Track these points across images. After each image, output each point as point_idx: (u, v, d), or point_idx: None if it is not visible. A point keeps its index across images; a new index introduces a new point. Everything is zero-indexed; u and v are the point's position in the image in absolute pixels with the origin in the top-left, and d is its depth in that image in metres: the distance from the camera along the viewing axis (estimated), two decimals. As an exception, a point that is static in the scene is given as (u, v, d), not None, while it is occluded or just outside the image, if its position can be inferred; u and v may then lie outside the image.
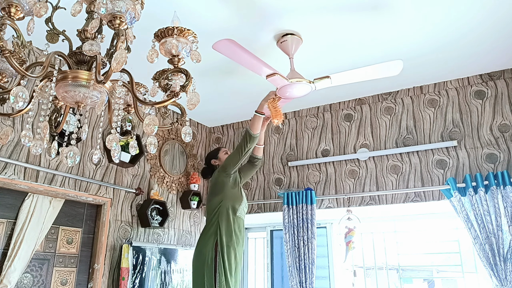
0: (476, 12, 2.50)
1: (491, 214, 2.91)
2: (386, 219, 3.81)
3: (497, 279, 2.80)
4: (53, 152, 1.38)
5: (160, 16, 2.45)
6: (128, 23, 1.15)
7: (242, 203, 2.92)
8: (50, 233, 2.89)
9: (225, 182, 2.89)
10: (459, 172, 3.20)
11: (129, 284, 3.15)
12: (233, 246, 2.78)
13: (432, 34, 2.74)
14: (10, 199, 2.69)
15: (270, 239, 4.27)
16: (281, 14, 2.51)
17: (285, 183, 3.94)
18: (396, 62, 2.58)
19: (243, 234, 2.92)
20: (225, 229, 2.78)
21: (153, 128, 1.24)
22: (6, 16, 1.14)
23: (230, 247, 2.76)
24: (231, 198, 2.87)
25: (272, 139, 4.15)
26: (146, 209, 3.47)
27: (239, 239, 2.85)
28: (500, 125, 3.16)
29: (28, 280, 2.73)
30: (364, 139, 3.68)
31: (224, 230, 2.77)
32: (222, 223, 2.78)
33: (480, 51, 2.97)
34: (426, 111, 3.47)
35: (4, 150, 2.64)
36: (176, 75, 1.31)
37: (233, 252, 2.77)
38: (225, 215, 2.81)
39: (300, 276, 3.42)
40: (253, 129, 2.80)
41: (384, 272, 3.78)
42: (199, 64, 3.03)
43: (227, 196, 2.86)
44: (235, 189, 2.92)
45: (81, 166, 3.11)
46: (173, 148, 4.07)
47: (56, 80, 1.26)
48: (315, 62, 3.11)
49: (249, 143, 2.81)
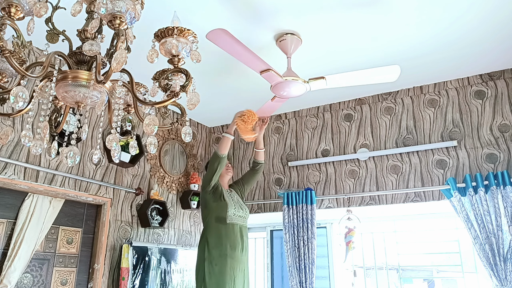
0: (476, 12, 2.50)
1: (491, 214, 2.91)
2: (386, 219, 3.81)
3: (497, 279, 2.80)
4: (53, 152, 1.38)
5: (160, 16, 2.45)
6: (128, 23, 1.15)
7: (229, 208, 2.99)
8: (50, 233, 2.89)
9: (207, 199, 3.04)
10: (459, 172, 3.20)
11: (129, 284, 3.15)
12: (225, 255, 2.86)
13: (432, 34, 2.74)
14: (10, 199, 2.70)
15: (270, 239, 4.27)
16: (281, 13, 2.51)
17: (285, 183, 3.94)
18: (393, 67, 2.53)
19: (239, 239, 2.96)
20: (214, 242, 2.90)
21: (153, 128, 1.24)
22: (6, 16, 1.14)
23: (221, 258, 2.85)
24: (215, 210, 3.00)
25: (272, 139, 4.15)
26: (146, 209, 3.47)
27: (235, 245, 2.93)
28: (500, 125, 3.16)
29: (28, 280, 2.73)
30: (364, 139, 3.68)
31: (213, 244, 2.89)
32: (210, 237, 2.92)
33: (480, 51, 2.97)
34: (426, 111, 3.47)
35: (4, 150, 2.64)
36: (176, 75, 1.31)
37: (229, 261, 2.85)
38: (213, 228, 2.95)
39: (300, 276, 3.42)
40: (220, 150, 2.95)
41: (384, 272, 3.78)
42: (199, 64, 3.03)
43: (212, 210, 3.01)
44: (217, 201, 3.02)
45: (81, 166, 3.11)
46: (173, 148, 4.07)
47: (56, 80, 1.26)
48: (313, 63, 3.11)
49: (217, 163, 2.94)
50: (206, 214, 3.03)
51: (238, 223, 3.01)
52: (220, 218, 2.96)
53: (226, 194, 3.07)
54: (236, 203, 3.09)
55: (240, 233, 3.00)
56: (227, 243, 2.89)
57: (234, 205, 3.05)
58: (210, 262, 2.83)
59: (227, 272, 2.81)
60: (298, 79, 2.58)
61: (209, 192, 3.01)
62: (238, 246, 2.94)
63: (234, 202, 3.08)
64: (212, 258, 2.84)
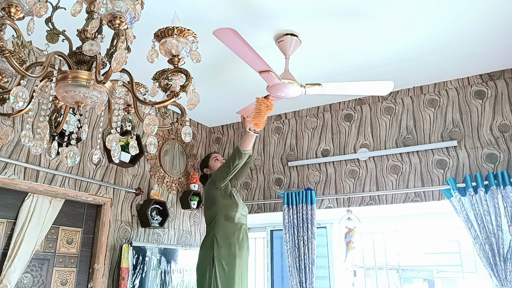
0: (476, 12, 2.50)
1: (491, 214, 2.91)
2: (386, 219, 3.81)
3: (497, 279, 2.80)
4: (53, 152, 1.38)
5: (160, 16, 2.45)
6: (128, 23, 1.15)
7: (238, 208, 2.95)
8: (50, 233, 2.89)
9: (215, 195, 2.93)
10: (459, 172, 3.20)
11: (129, 284, 3.15)
12: (234, 254, 2.81)
13: (432, 34, 2.74)
14: (10, 199, 2.69)
15: (270, 239, 4.27)
16: (281, 13, 2.51)
17: (285, 183, 3.94)
18: (387, 83, 2.71)
19: (245, 239, 2.95)
20: (223, 241, 2.82)
21: (153, 128, 1.24)
22: (6, 16, 1.14)
23: (230, 257, 2.79)
24: (225, 208, 2.91)
25: (272, 139, 4.15)
26: (146, 209, 3.47)
27: (242, 244, 2.90)
28: (500, 125, 3.16)
29: (28, 280, 2.73)
30: (364, 139, 3.68)
31: (222, 242, 2.81)
32: (219, 236, 2.83)
33: (480, 51, 2.97)
34: (426, 111, 3.47)
35: (4, 150, 2.64)
36: (176, 75, 1.31)
37: (237, 261, 2.80)
38: (222, 227, 2.86)
39: (300, 276, 3.42)
40: (243, 146, 2.83)
41: (384, 272, 3.78)
42: (199, 64, 3.03)
43: (220, 208, 2.91)
44: (227, 199, 2.95)
45: (81, 166, 3.11)
46: (173, 148, 4.07)
47: (56, 80, 1.26)
48: (313, 63, 3.10)
49: (239, 159, 2.84)
50: (214, 211, 2.91)
51: (243, 223, 2.99)
52: (229, 217, 2.89)
53: (235, 193, 3.04)
54: (242, 202, 3.08)
55: (245, 232, 2.97)
56: (235, 243, 2.84)
57: (242, 204, 3.02)
58: (219, 261, 2.74)
59: (236, 272, 2.77)
60: (295, 82, 2.60)
61: (221, 189, 2.92)
62: (244, 245, 2.91)
63: (241, 201, 3.07)
64: (222, 257, 2.76)
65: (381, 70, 3.23)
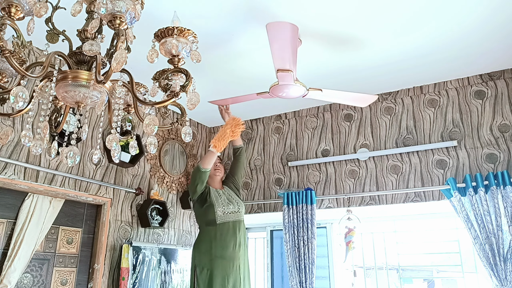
0: (476, 12, 2.50)
1: (491, 214, 2.91)
2: (386, 219, 3.81)
3: (497, 279, 2.80)
4: (53, 152, 1.38)
5: (160, 16, 2.45)
6: (128, 23, 1.15)
7: (216, 209, 3.00)
8: (50, 233, 2.89)
9: (195, 207, 3.14)
10: (459, 172, 3.20)
11: (129, 284, 3.15)
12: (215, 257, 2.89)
13: (432, 34, 2.74)
14: (10, 199, 2.69)
15: (270, 239, 4.27)
16: (281, 13, 2.51)
17: (285, 183, 3.94)
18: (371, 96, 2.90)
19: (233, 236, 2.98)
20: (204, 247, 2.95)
21: (153, 128, 1.24)
22: (6, 16, 1.14)
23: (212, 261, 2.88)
24: (203, 215, 3.05)
25: (272, 139, 4.15)
26: (146, 209, 3.47)
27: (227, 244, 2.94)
28: (500, 125, 3.16)
29: (28, 280, 2.73)
30: (364, 139, 3.68)
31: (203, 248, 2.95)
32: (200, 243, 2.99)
33: (480, 51, 2.97)
34: (426, 111, 3.47)
35: (4, 150, 2.64)
36: (176, 75, 1.31)
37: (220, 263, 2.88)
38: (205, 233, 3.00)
39: (300, 276, 3.42)
40: (203, 164, 2.94)
41: (384, 272, 3.78)
42: (199, 64, 3.03)
43: (199, 216, 3.11)
44: (203, 204, 3.04)
45: (81, 166, 3.11)
46: (173, 148, 4.07)
47: (56, 80, 1.26)
48: (312, 63, 3.10)
49: (198, 178, 2.94)
50: (198, 221, 3.15)
51: (230, 220, 3.01)
52: (210, 221, 2.98)
53: (213, 195, 3.08)
54: (224, 200, 3.08)
55: (233, 229, 2.99)
56: (216, 245, 2.92)
57: (222, 204, 3.04)
58: (201, 268, 2.88)
59: (218, 274, 2.85)
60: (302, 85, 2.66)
61: (196, 200, 3.07)
62: (231, 243, 2.94)
63: (222, 200, 3.07)
64: (204, 264, 2.89)
65: (381, 70, 3.23)
